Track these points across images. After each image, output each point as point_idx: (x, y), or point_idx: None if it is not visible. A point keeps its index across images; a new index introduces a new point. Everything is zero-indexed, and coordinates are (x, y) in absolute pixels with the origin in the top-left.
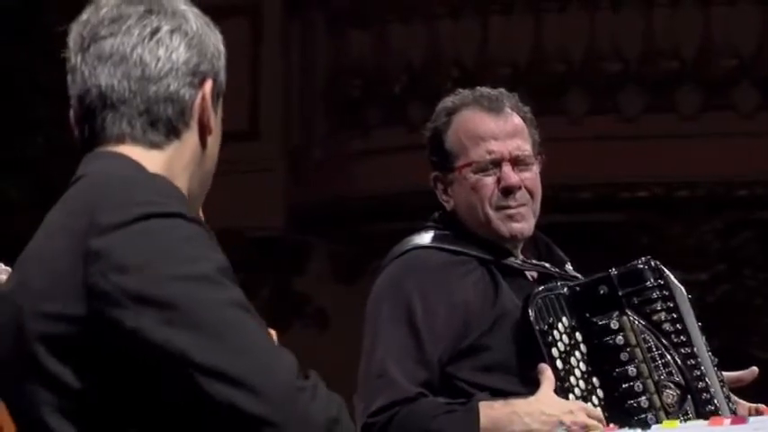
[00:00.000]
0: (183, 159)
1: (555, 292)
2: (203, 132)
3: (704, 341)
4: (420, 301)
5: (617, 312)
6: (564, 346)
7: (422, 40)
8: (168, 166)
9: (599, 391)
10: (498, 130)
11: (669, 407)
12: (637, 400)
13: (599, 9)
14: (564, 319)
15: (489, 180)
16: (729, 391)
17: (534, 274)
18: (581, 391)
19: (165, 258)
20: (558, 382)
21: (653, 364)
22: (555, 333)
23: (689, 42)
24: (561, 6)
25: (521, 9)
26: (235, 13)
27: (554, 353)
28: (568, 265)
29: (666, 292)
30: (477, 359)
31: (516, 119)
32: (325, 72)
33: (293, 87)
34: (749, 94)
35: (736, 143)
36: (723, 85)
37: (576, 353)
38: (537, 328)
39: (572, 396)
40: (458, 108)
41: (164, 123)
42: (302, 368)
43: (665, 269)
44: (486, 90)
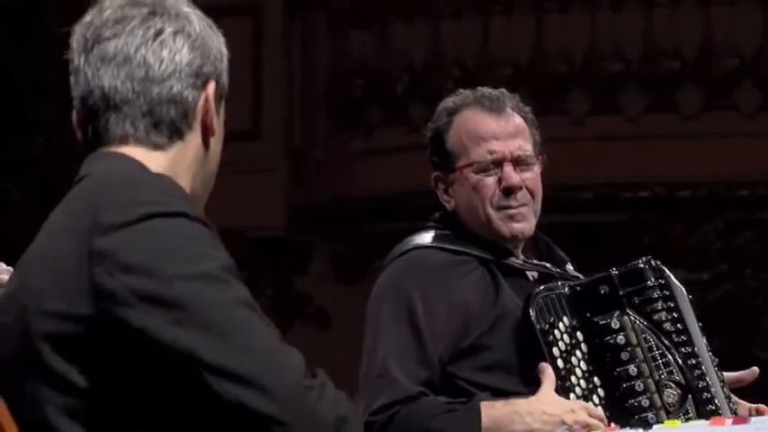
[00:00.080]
0: (186, 160)
1: (556, 292)
2: (206, 134)
3: (705, 341)
4: (421, 300)
5: (618, 312)
6: (565, 345)
7: (423, 41)
8: (171, 168)
9: (600, 391)
10: (499, 131)
11: (670, 406)
12: (637, 399)
13: (600, 9)
14: (565, 319)
15: (490, 180)
16: (730, 392)
17: (535, 273)
18: (582, 390)
19: (171, 257)
20: (559, 382)
21: (654, 363)
22: (556, 332)
23: (690, 42)
24: (562, 7)
25: (522, 9)
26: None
27: (555, 352)
28: (569, 265)
29: (667, 292)
30: (478, 359)
31: (517, 119)
32: (327, 72)
33: (295, 87)
34: (751, 95)
35: (738, 143)
36: (724, 86)
37: (577, 352)
38: (538, 327)
39: (573, 395)
40: (459, 108)
41: (167, 125)
42: (310, 367)
43: (665, 269)
44: (488, 90)
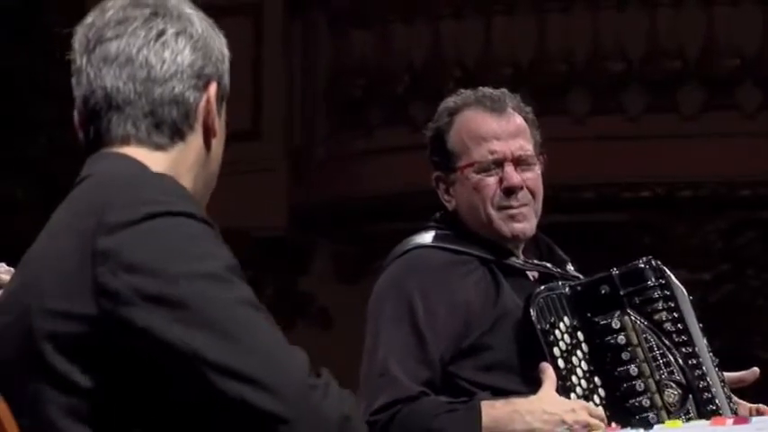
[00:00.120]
0: (188, 161)
1: (556, 292)
2: (207, 135)
3: (705, 342)
4: (421, 300)
5: (618, 312)
6: (565, 345)
7: (424, 40)
8: (173, 168)
9: (600, 391)
10: (501, 131)
11: (670, 406)
12: (638, 399)
13: (602, 9)
14: (565, 319)
15: (491, 180)
16: (730, 392)
17: (535, 274)
18: (582, 390)
19: (174, 257)
20: (560, 382)
21: (654, 363)
22: (556, 332)
23: (692, 42)
24: (564, 6)
25: (523, 9)
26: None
27: (555, 352)
28: (569, 266)
29: (668, 292)
30: (479, 358)
31: (518, 119)
32: (327, 72)
33: (295, 87)
34: (752, 94)
35: (740, 143)
36: (726, 85)
37: (578, 352)
38: (538, 327)
39: (573, 395)
40: (460, 108)
41: (168, 125)
42: (313, 366)
43: (665, 269)
44: (489, 90)
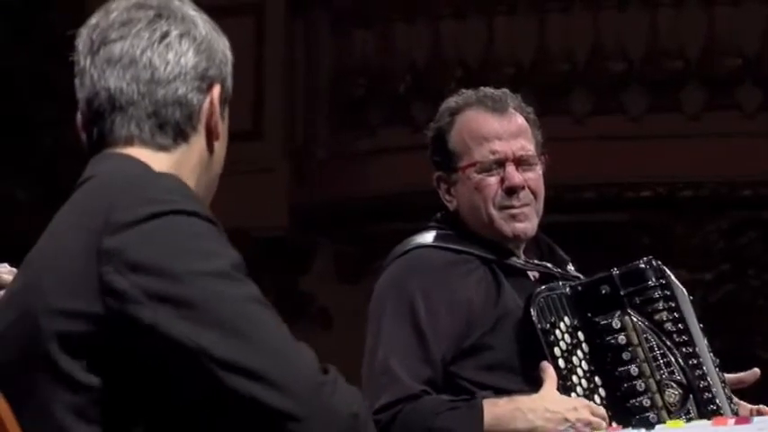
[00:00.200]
0: (190, 163)
1: (557, 292)
2: (210, 137)
3: (706, 342)
4: (423, 300)
5: (619, 312)
6: (566, 345)
7: (425, 40)
8: (175, 170)
9: (601, 391)
10: (502, 131)
11: (671, 406)
12: (639, 399)
13: (603, 9)
14: (566, 319)
15: (493, 180)
16: (731, 392)
17: (536, 274)
18: (583, 390)
19: (179, 255)
20: (560, 381)
21: (655, 363)
22: (557, 332)
23: (693, 42)
24: (565, 6)
25: (525, 9)
26: (238, 13)
27: (556, 352)
28: (570, 266)
29: (668, 292)
30: (480, 358)
31: (520, 119)
32: (329, 72)
33: (297, 87)
34: (753, 94)
35: (741, 143)
36: (727, 85)
37: (578, 352)
38: (539, 327)
39: (574, 395)
40: (461, 108)
41: (172, 127)
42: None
43: (666, 269)
44: (490, 90)
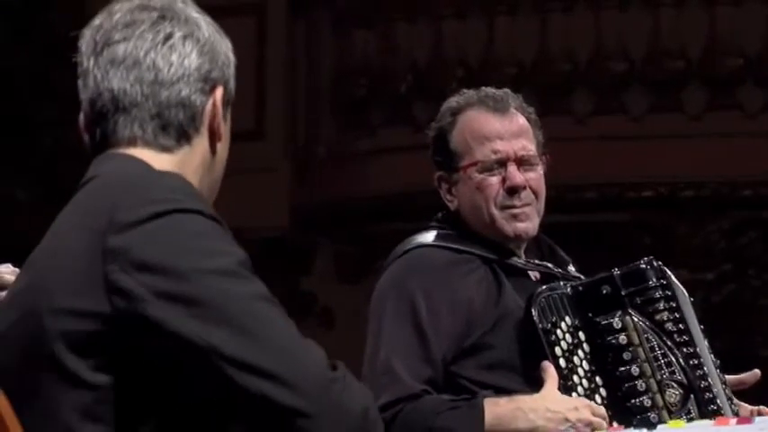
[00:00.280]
0: (193, 164)
1: (558, 292)
2: (213, 139)
3: (706, 343)
4: (424, 299)
5: (620, 312)
6: (567, 345)
7: (427, 40)
8: (178, 171)
9: (602, 390)
10: (503, 130)
11: (672, 406)
12: (639, 399)
13: (604, 9)
14: (567, 319)
15: (494, 180)
16: (731, 393)
17: (537, 274)
18: (584, 389)
19: (185, 253)
20: (561, 381)
21: (656, 363)
22: (558, 332)
23: (694, 42)
24: (566, 6)
25: (526, 9)
26: (239, 13)
27: (557, 352)
28: (571, 266)
29: (669, 292)
30: (481, 358)
31: (521, 119)
32: (330, 72)
33: (298, 87)
34: (755, 94)
35: (742, 143)
36: (729, 85)
37: (579, 352)
38: (540, 326)
39: (575, 395)
40: (463, 108)
41: (175, 128)
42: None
43: (666, 269)
44: (491, 90)
